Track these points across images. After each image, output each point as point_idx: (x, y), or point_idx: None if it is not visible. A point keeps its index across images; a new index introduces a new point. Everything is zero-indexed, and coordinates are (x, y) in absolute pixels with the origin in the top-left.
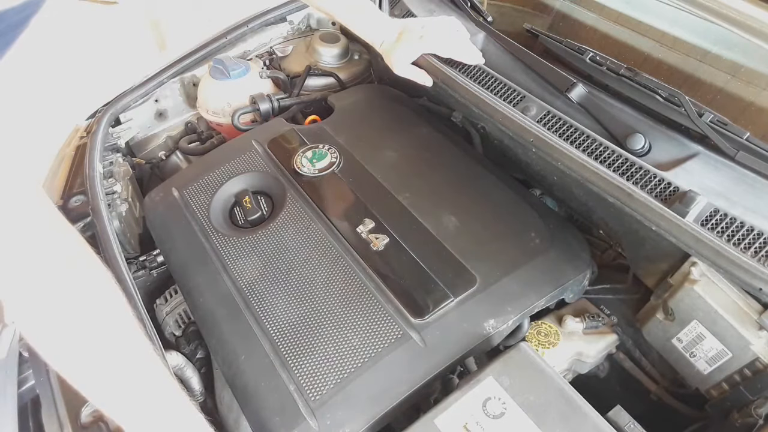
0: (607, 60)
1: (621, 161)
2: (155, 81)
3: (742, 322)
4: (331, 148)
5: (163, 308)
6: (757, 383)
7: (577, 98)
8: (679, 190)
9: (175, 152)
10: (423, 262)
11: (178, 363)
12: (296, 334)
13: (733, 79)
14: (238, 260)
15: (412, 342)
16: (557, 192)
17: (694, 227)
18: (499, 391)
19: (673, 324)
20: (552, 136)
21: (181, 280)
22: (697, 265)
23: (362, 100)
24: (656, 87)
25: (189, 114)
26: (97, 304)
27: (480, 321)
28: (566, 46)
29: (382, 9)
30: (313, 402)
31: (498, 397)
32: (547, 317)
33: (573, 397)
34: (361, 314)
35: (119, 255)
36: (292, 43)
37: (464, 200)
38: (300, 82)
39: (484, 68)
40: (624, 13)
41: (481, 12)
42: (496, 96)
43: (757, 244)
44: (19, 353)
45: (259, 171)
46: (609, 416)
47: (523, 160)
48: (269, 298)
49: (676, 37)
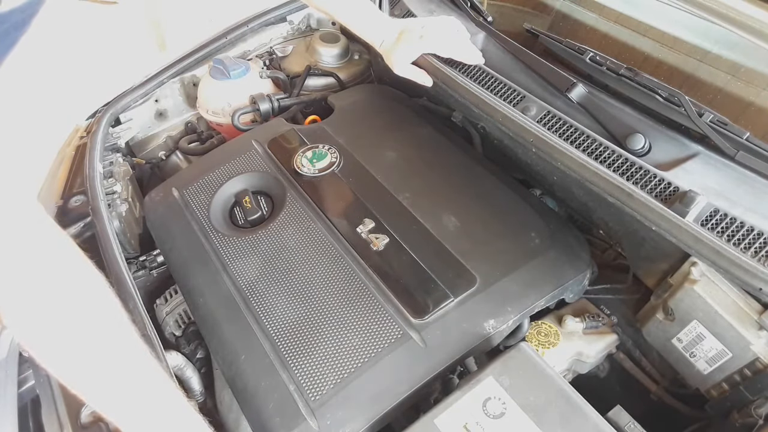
0: (607, 60)
1: (621, 161)
2: (155, 81)
3: (742, 322)
4: (331, 148)
5: (163, 308)
6: (757, 383)
7: (577, 98)
8: (679, 190)
9: (175, 152)
10: (423, 262)
11: (178, 363)
12: (296, 334)
13: (733, 79)
14: (238, 260)
15: (412, 342)
16: (557, 192)
17: (694, 227)
18: (499, 391)
19: (673, 324)
20: (552, 136)
21: (181, 280)
22: (697, 265)
23: (362, 100)
24: (656, 87)
25: (189, 114)
26: (91, 310)
27: (480, 321)
28: (566, 46)
29: (382, 9)
30: (313, 402)
31: (498, 397)
32: (547, 317)
33: (573, 397)
34: (361, 314)
35: (119, 255)
36: (292, 43)
37: (464, 200)
38: (300, 82)
39: (484, 68)
40: (624, 13)
41: (481, 12)
42: (496, 96)
43: (757, 244)
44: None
45: (259, 171)
46: (609, 416)
47: (523, 160)
48: (269, 298)
49: (676, 37)
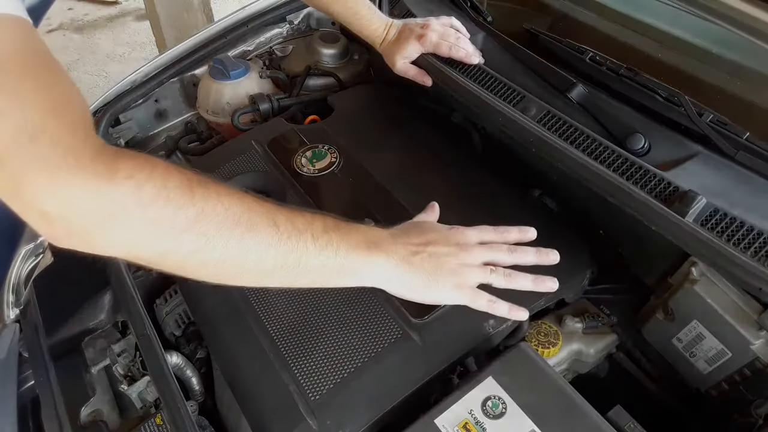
0: (607, 60)
1: (621, 161)
2: (155, 81)
3: (742, 322)
4: (330, 148)
5: (163, 308)
6: (757, 383)
7: (577, 98)
8: (679, 190)
9: (175, 152)
10: None
11: (178, 363)
12: (296, 333)
13: (733, 79)
14: None
15: (412, 342)
16: (557, 192)
17: (694, 227)
18: (499, 391)
19: (673, 324)
20: (552, 136)
21: (181, 280)
22: (697, 265)
23: (362, 100)
24: (656, 87)
25: (189, 114)
26: None
27: (480, 321)
28: (566, 46)
29: (382, 9)
30: (313, 402)
31: (498, 397)
32: (547, 317)
33: (573, 397)
34: (361, 314)
35: None
36: (292, 43)
37: (464, 200)
38: (300, 82)
39: (484, 68)
40: (624, 13)
41: (481, 12)
42: (495, 96)
43: (757, 244)
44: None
45: (258, 171)
46: (609, 416)
47: (522, 160)
48: (269, 297)
49: (676, 37)
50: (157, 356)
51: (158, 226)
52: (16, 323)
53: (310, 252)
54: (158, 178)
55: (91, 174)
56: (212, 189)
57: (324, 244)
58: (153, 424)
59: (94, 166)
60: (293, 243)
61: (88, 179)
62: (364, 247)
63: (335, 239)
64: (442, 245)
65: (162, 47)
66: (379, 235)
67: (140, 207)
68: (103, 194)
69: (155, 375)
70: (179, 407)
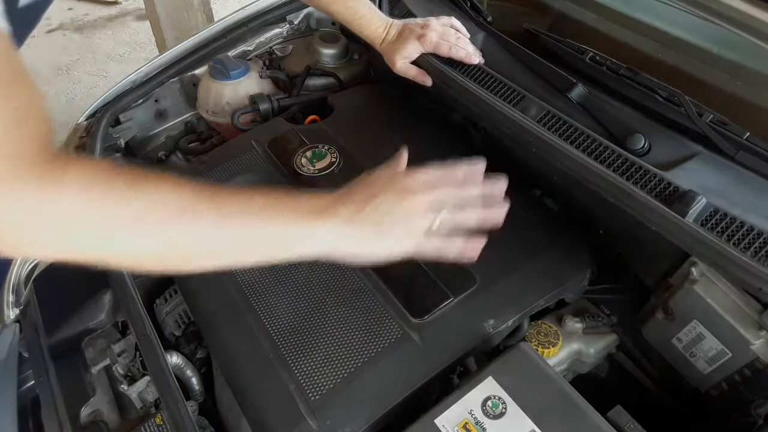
0: (607, 60)
1: (621, 161)
2: (155, 81)
3: (742, 322)
4: (330, 148)
5: (163, 308)
6: (757, 383)
7: (577, 98)
8: (679, 190)
9: (175, 152)
10: (422, 262)
11: (178, 363)
12: (296, 333)
13: (733, 79)
14: None
15: (412, 342)
16: (557, 192)
17: (694, 227)
18: (499, 391)
19: (673, 324)
20: (552, 136)
21: (181, 280)
22: (697, 265)
23: (362, 100)
24: (656, 87)
25: (189, 114)
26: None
27: (480, 321)
28: (566, 46)
29: (382, 9)
30: (313, 402)
31: (498, 397)
32: (547, 317)
33: (573, 397)
34: (361, 314)
35: None
36: (292, 43)
37: None
38: (300, 82)
39: (484, 68)
40: (624, 13)
41: (481, 12)
42: (495, 96)
43: (757, 244)
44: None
45: (258, 171)
46: (609, 416)
47: (522, 160)
48: (269, 297)
49: (676, 37)
50: (157, 356)
51: (106, 224)
52: (16, 323)
53: (253, 229)
54: (102, 177)
55: (37, 182)
56: (152, 181)
57: (267, 218)
58: (153, 424)
59: (42, 174)
60: (236, 220)
61: (33, 188)
62: (306, 215)
63: (280, 213)
64: (387, 194)
65: (162, 47)
66: (323, 201)
67: (87, 206)
68: (49, 200)
69: (155, 375)
70: (179, 407)
